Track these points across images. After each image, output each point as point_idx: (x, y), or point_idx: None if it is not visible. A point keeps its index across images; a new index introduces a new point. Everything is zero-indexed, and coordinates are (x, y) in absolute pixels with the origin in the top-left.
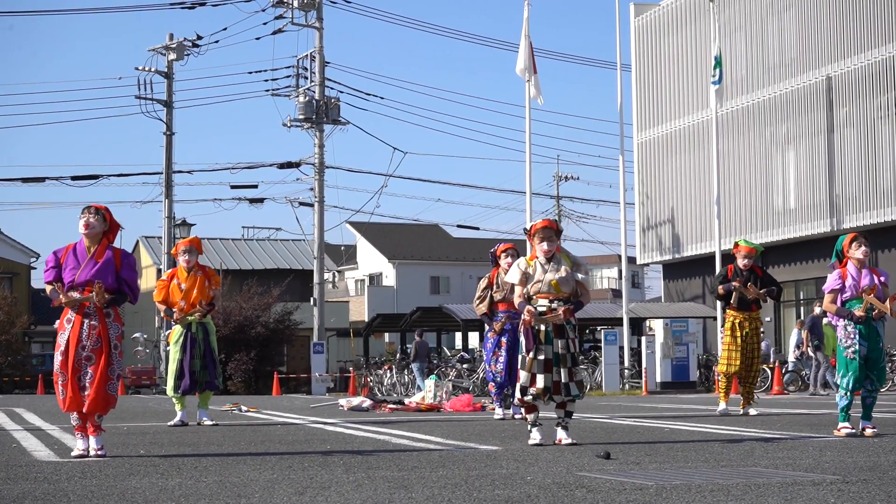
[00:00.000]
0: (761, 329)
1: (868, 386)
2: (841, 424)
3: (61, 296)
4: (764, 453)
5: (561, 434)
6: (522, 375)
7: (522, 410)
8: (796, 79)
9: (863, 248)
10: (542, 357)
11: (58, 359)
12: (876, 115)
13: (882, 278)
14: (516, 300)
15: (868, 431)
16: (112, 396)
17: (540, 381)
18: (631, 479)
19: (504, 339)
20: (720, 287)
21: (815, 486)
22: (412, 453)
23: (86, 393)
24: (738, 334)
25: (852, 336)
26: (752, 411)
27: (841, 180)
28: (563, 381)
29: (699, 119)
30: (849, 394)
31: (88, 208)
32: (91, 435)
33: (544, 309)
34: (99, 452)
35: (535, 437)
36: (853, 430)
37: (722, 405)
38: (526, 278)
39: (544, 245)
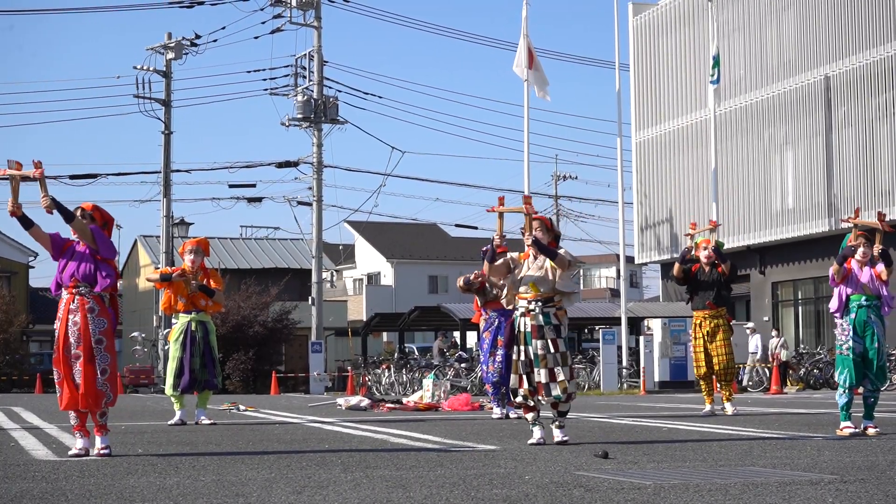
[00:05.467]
0: (724, 325)
1: (868, 386)
2: (843, 424)
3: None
4: (762, 453)
5: (555, 433)
6: (512, 378)
7: (521, 410)
8: (794, 78)
9: (861, 249)
10: (522, 358)
11: (54, 356)
12: (874, 114)
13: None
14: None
15: (870, 431)
16: (102, 392)
17: (526, 381)
18: (629, 478)
19: (501, 338)
20: (675, 264)
21: (813, 485)
22: (410, 452)
23: (80, 391)
24: (699, 334)
25: (847, 332)
26: (729, 410)
27: (839, 180)
28: (543, 381)
29: (697, 118)
30: (847, 391)
31: (83, 212)
32: (96, 434)
33: (523, 309)
34: (103, 452)
35: (536, 435)
36: (856, 430)
37: (707, 406)
38: (511, 263)
39: (537, 233)
